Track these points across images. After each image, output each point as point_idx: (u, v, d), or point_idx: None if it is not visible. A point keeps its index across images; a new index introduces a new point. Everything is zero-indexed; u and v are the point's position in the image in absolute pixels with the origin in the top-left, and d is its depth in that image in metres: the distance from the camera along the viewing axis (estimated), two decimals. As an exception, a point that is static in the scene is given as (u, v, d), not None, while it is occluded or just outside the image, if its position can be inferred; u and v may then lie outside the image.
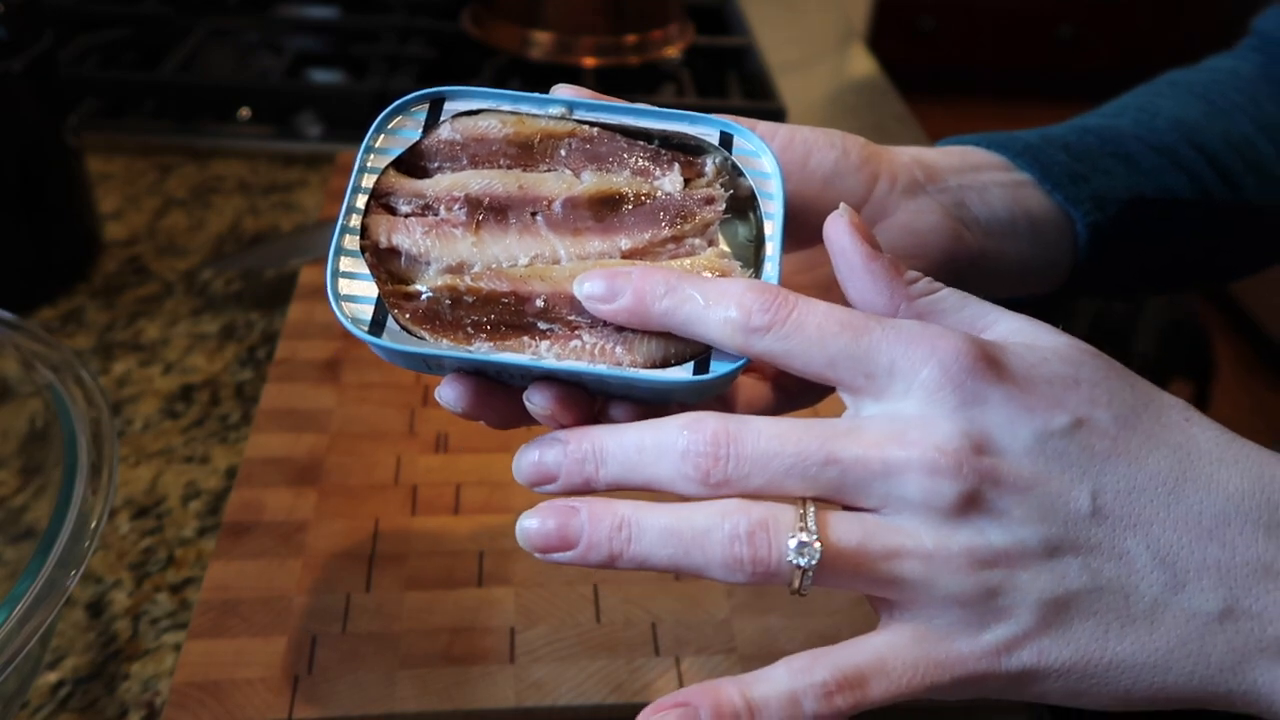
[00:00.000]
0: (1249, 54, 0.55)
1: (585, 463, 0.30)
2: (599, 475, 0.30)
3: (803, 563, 0.27)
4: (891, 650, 0.28)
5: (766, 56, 1.04)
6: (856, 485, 0.28)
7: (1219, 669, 0.28)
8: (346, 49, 1.05)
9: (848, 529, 0.28)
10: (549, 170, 0.34)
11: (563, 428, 0.31)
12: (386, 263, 0.32)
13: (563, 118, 0.35)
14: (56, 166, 0.69)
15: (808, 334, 0.29)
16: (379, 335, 0.30)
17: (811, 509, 0.28)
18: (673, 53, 1.01)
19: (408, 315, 0.31)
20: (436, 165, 0.34)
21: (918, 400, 0.28)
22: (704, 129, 0.35)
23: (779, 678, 0.28)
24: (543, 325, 0.31)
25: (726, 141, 0.35)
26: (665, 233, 0.33)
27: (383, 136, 0.34)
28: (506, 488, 0.54)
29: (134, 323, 0.67)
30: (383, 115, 0.34)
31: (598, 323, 0.31)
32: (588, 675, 0.45)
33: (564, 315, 0.31)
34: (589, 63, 0.98)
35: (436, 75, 1.00)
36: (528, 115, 0.35)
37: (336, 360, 0.61)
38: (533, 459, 0.31)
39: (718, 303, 0.29)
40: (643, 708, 0.29)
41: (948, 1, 3.11)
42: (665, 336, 0.31)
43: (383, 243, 0.32)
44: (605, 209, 0.33)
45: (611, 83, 0.99)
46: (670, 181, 0.34)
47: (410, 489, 0.53)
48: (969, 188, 0.40)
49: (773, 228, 0.33)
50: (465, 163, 0.34)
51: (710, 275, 0.31)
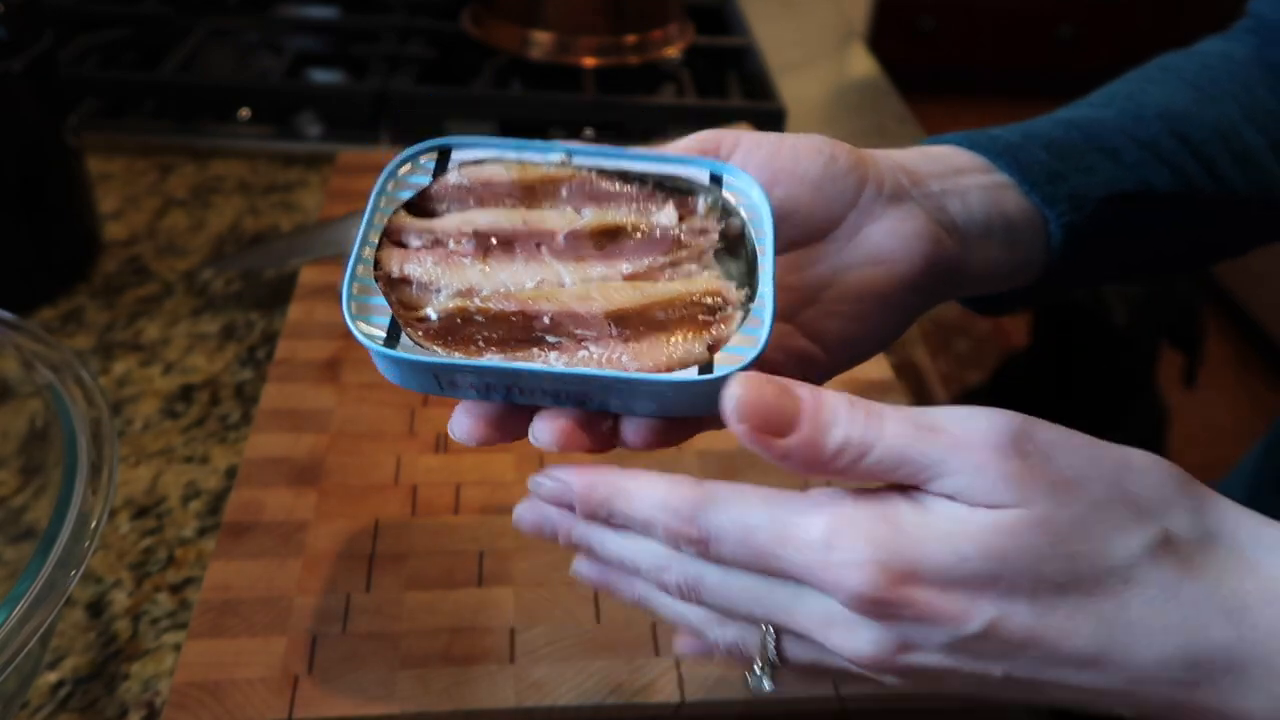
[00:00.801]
0: (1243, 36, 0.54)
1: (583, 541, 0.34)
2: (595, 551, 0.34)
3: (766, 684, 0.32)
4: None
5: (766, 56, 1.04)
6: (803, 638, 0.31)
7: None
8: (346, 49, 1.05)
9: (803, 652, 0.32)
10: (551, 208, 0.37)
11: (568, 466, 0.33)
12: (397, 291, 0.34)
13: (563, 164, 0.37)
14: (56, 166, 0.69)
15: (727, 551, 0.30)
16: (394, 348, 0.32)
17: (772, 642, 0.32)
18: (673, 53, 1.01)
19: (420, 333, 0.33)
20: (445, 207, 0.36)
21: (839, 605, 0.29)
22: (695, 169, 0.37)
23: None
24: (550, 339, 0.33)
25: (716, 180, 0.37)
26: (663, 259, 0.36)
27: (393, 183, 0.36)
28: (506, 488, 0.54)
29: (134, 323, 0.67)
30: (393, 163, 0.36)
31: (603, 336, 0.33)
32: (588, 675, 0.45)
33: (570, 330, 0.33)
34: (589, 63, 0.98)
35: (436, 75, 1.00)
36: (530, 162, 0.37)
37: (336, 360, 0.61)
38: (532, 521, 0.35)
39: (642, 515, 0.31)
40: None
41: (948, 1, 3.11)
42: (669, 345, 0.33)
43: (395, 273, 0.34)
44: (606, 240, 0.36)
45: (611, 83, 0.99)
46: (665, 216, 0.36)
47: (410, 489, 0.53)
48: (951, 192, 0.41)
49: (764, 252, 0.35)
50: (472, 205, 0.36)
51: (710, 301, 0.34)
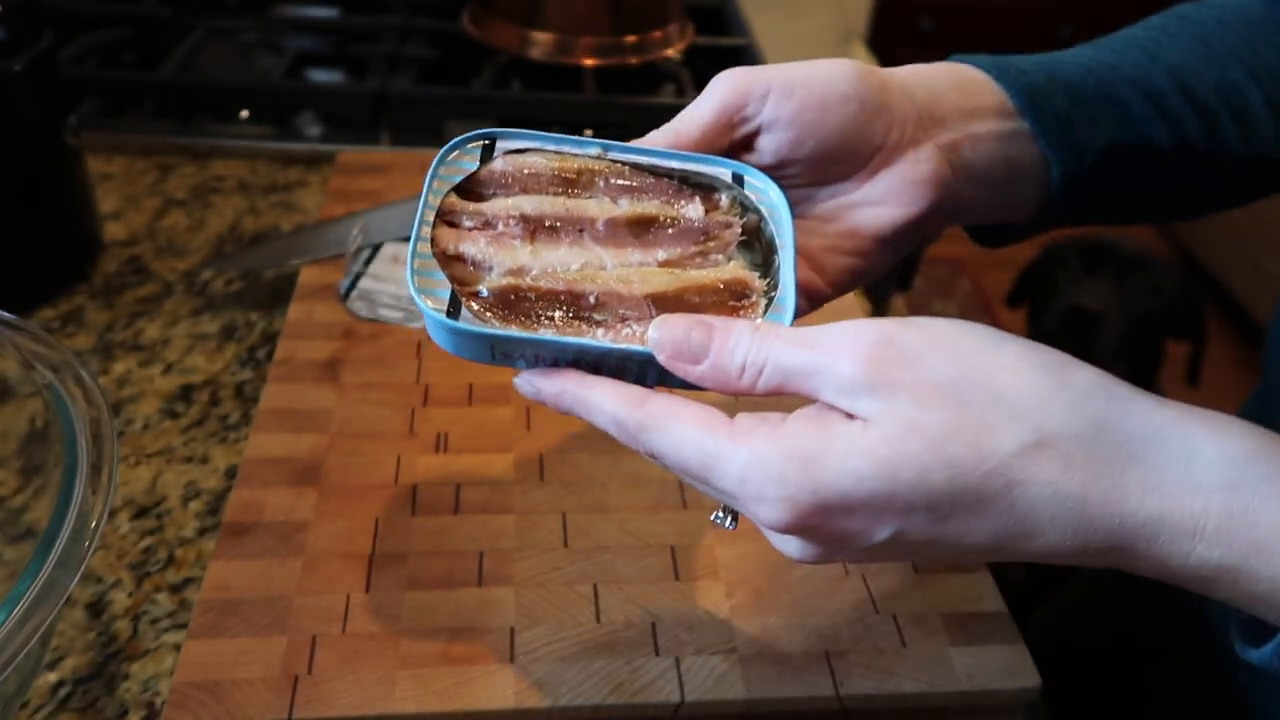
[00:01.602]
0: None
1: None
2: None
3: (729, 523, 0.37)
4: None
5: (766, 56, 1.04)
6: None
7: None
8: (346, 49, 1.05)
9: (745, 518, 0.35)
10: (590, 198, 0.40)
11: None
12: (452, 267, 0.37)
13: (598, 157, 0.41)
14: (56, 166, 0.69)
15: (668, 465, 0.34)
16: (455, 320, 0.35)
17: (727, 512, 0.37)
18: (672, 53, 1.01)
19: (478, 307, 0.36)
20: (492, 192, 0.39)
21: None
22: (718, 169, 0.40)
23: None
24: (597, 317, 0.36)
25: (738, 179, 0.40)
26: (693, 249, 0.39)
27: (445, 167, 0.39)
28: (507, 487, 0.54)
29: (134, 323, 0.67)
30: (444, 150, 0.40)
31: (644, 316, 0.36)
32: (588, 675, 0.45)
33: (615, 310, 0.36)
34: (589, 63, 0.98)
35: (436, 75, 1.00)
36: (569, 154, 0.40)
37: (336, 360, 0.61)
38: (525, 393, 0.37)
39: (599, 423, 0.35)
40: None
41: (948, 1, 3.11)
42: None
43: (450, 250, 0.37)
44: (641, 228, 0.39)
45: (611, 83, 0.99)
46: (693, 209, 0.40)
47: (410, 489, 0.53)
48: (965, 138, 0.42)
49: (784, 247, 0.38)
50: (517, 191, 0.39)
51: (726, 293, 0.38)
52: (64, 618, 0.48)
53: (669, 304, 0.36)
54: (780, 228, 0.39)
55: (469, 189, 0.39)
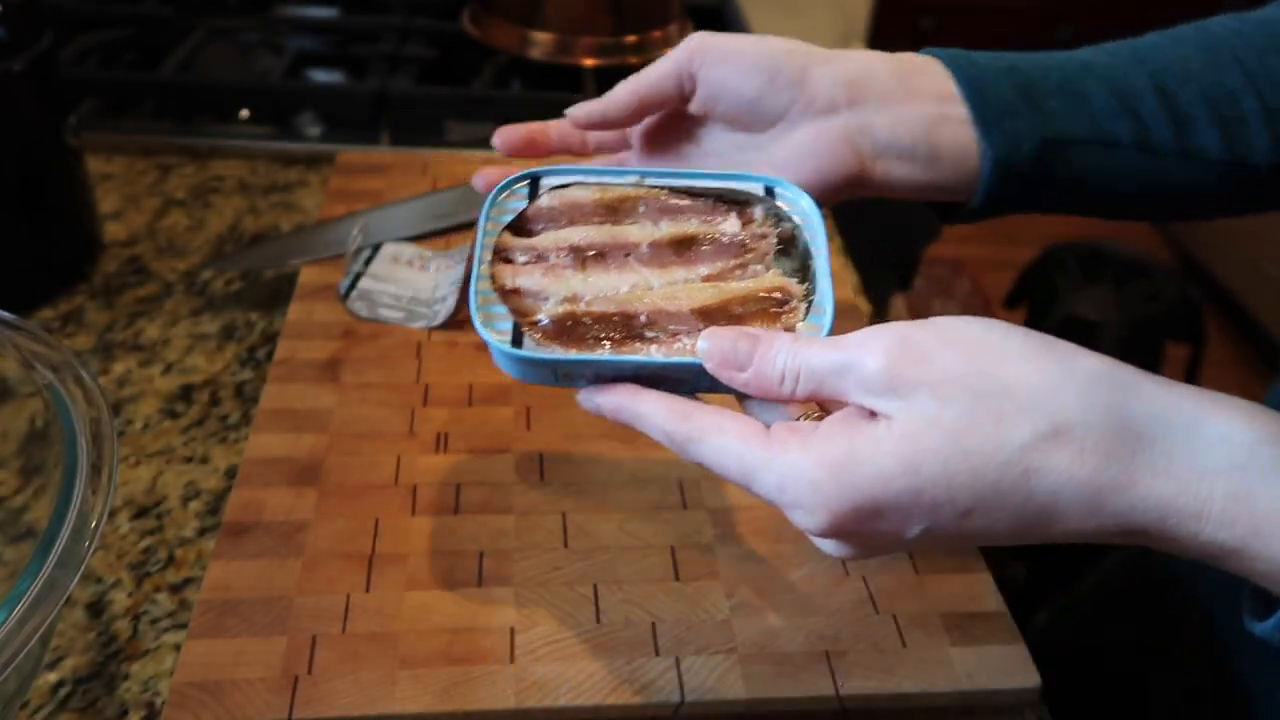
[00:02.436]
0: None
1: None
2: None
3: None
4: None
5: (766, 56, 1.04)
6: None
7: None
8: (346, 49, 1.05)
9: None
10: (632, 223, 0.43)
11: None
12: (511, 300, 0.40)
13: (637, 184, 0.44)
14: (56, 166, 0.69)
15: (714, 473, 0.36)
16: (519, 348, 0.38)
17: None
18: (673, 53, 1.01)
19: (539, 335, 0.38)
20: (541, 227, 0.43)
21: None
22: (750, 184, 0.44)
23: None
24: (649, 334, 0.39)
25: (769, 192, 0.43)
26: (733, 262, 0.42)
27: (496, 209, 0.43)
28: (507, 487, 0.54)
29: (134, 323, 0.67)
30: (494, 193, 0.43)
31: (692, 330, 0.39)
32: (588, 675, 0.45)
33: (666, 326, 0.39)
34: (589, 63, 0.98)
35: (436, 75, 1.00)
36: (609, 184, 0.44)
37: (336, 360, 0.61)
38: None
39: (653, 435, 0.37)
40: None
41: (948, 1, 3.11)
42: None
43: (508, 285, 0.40)
44: (683, 247, 0.42)
45: (611, 83, 0.99)
46: (730, 225, 0.43)
47: (410, 489, 0.53)
48: (884, 120, 0.45)
49: (819, 253, 0.41)
50: (565, 223, 0.42)
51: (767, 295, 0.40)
52: (64, 618, 0.48)
53: (715, 316, 0.39)
54: (814, 234, 0.41)
55: (520, 226, 0.43)
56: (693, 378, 0.37)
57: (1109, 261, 1.76)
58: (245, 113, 0.92)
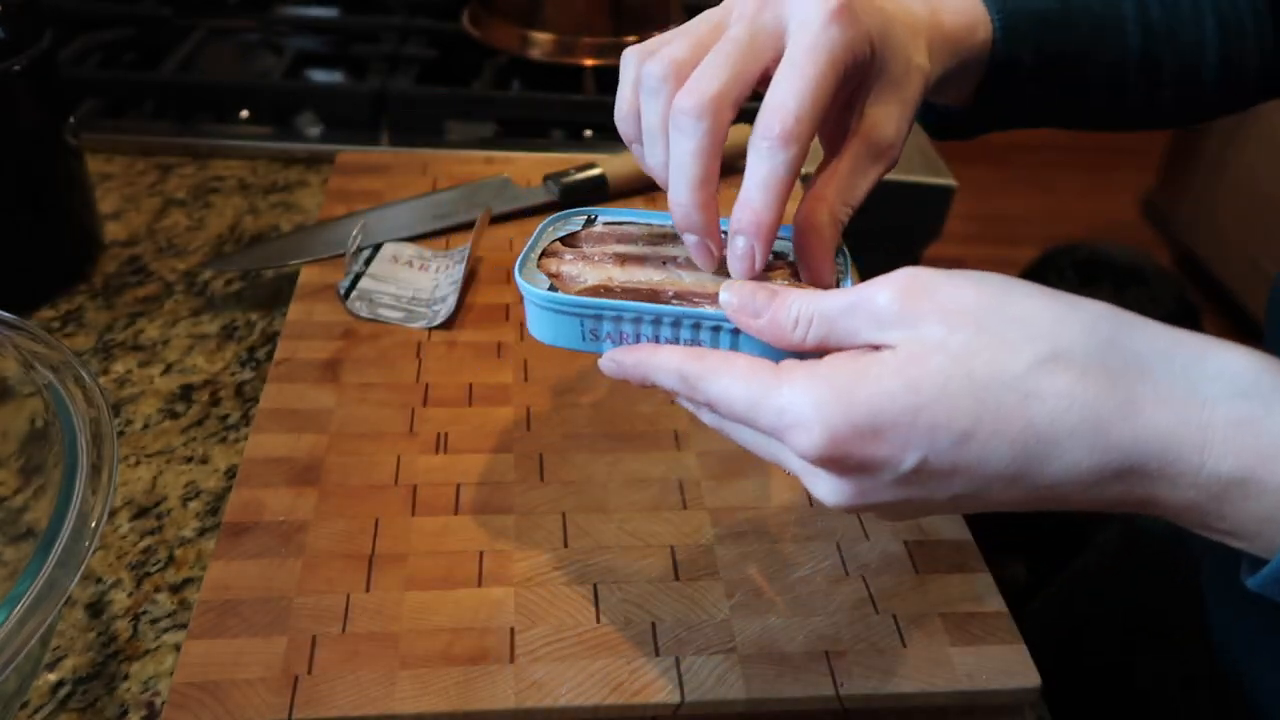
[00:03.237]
0: None
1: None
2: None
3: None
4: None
5: (766, 56, 1.04)
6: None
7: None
8: (346, 49, 1.05)
9: None
10: (676, 247, 0.45)
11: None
12: (552, 281, 0.42)
13: None
14: (56, 166, 0.69)
15: (722, 412, 0.37)
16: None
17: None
18: (673, 53, 1.01)
19: (574, 291, 0.41)
20: (591, 246, 0.46)
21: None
22: (785, 237, 0.45)
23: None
24: (675, 300, 0.41)
25: None
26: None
27: (552, 227, 0.46)
28: (507, 487, 0.54)
29: (134, 323, 0.67)
30: (553, 216, 0.47)
31: (715, 299, 0.40)
32: (588, 675, 0.45)
33: (690, 297, 0.41)
34: (589, 63, 0.98)
35: (436, 75, 1.00)
36: (661, 225, 0.47)
37: (336, 360, 0.61)
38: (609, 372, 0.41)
39: (667, 386, 0.39)
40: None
41: None
42: None
43: (550, 271, 0.43)
44: (723, 274, 0.43)
45: (611, 83, 0.99)
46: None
47: (410, 489, 0.53)
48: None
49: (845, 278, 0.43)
50: (612, 242, 0.46)
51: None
52: (64, 618, 0.48)
53: None
54: (842, 273, 0.44)
55: (570, 242, 0.46)
56: (709, 335, 0.40)
57: (1107, 267, 1.76)
58: (245, 113, 0.92)
